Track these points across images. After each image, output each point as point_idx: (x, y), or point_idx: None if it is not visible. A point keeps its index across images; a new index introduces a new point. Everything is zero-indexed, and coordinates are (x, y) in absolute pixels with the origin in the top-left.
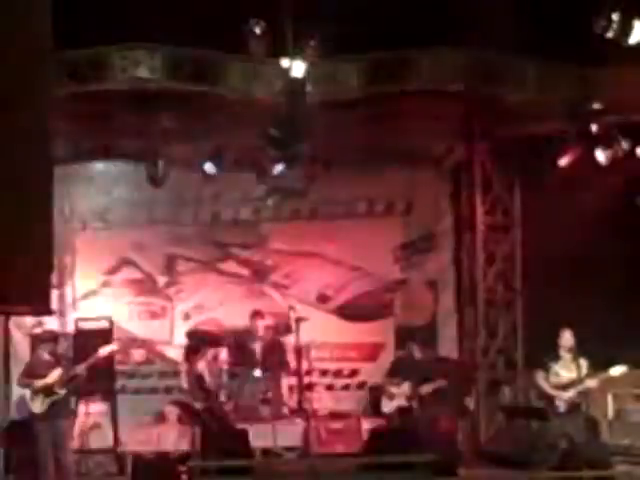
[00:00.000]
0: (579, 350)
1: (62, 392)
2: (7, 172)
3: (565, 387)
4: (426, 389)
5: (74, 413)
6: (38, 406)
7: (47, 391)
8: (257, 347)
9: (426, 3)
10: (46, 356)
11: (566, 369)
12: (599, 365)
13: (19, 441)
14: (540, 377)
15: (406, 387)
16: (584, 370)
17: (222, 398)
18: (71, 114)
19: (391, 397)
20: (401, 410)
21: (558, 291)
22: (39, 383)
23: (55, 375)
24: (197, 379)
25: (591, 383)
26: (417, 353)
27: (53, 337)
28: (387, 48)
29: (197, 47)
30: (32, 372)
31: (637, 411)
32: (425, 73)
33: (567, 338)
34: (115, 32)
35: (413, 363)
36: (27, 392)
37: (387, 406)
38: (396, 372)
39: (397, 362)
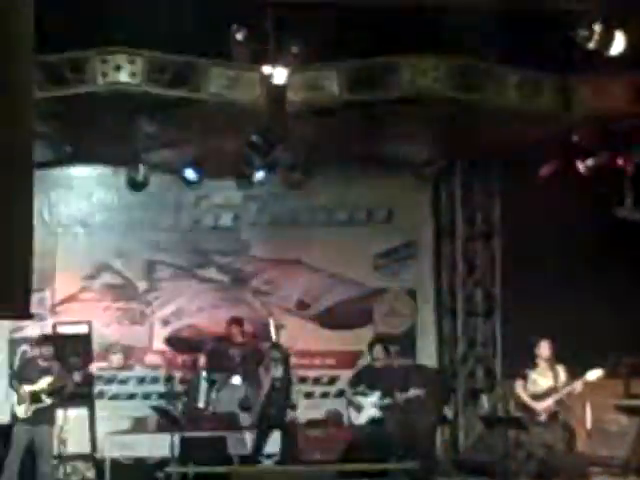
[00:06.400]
0: (559, 358)
1: (48, 401)
2: None
3: (543, 396)
4: (401, 397)
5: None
6: (22, 411)
7: (34, 398)
8: (236, 354)
9: (408, 11)
10: (40, 361)
11: (543, 377)
12: (578, 373)
13: (3, 445)
14: (519, 386)
15: (375, 397)
16: (562, 378)
17: (201, 405)
18: (51, 118)
19: (359, 408)
20: (374, 421)
21: (538, 300)
22: (27, 389)
23: (44, 383)
24: None
25: (573, 389)
26: (381, 360)
27: (48, 341)
28: (368, 55)
29: (179, 52)
30: (23, 376)
31: (616, 421)
32: (406, 81)
33: (544, 347)
34: (96, 36)
35: (378, 371)
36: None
37: (356, 418)
38: (360, 381)
39: (361, 372)
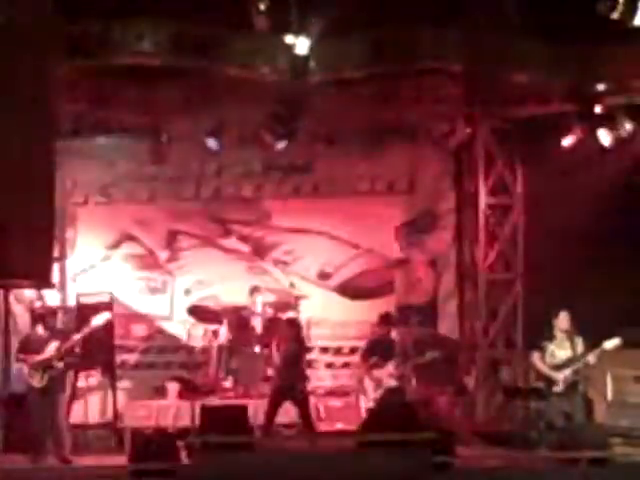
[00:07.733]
0: (579, 330)
1: (60, 365)
2: (9, 148)
3: (561, 366)
4: (419, 361)
5: (72, 386)
6: (38, 381)
7: (45, 365)
8: (257, 324)
9: None
10: (41, 331)
11: (561, 348)
12: (598, 344)
13: (18, 413)
14: (536, 357)
15: (390, 366)
16: (579, 348)
17: (222, 374)
18: (74, 88)
19: (377, 381)
20: (391, 390)
21: (559, 272)
22: (36, 358)
23: (52, 349)
24: None
25: (590, 359)
26: (393, 333)
27: (49, 312)
28: (390, 27)
29: (201, 22)
30: (28, 348)
31: (636, 393)
32: (428, 53)
33: (563, 319)
34: (119, 6)
35: (392, 341)
36: (24, 366)
37: (375, 390)
38: (372, 353)
39: (372, 344)
